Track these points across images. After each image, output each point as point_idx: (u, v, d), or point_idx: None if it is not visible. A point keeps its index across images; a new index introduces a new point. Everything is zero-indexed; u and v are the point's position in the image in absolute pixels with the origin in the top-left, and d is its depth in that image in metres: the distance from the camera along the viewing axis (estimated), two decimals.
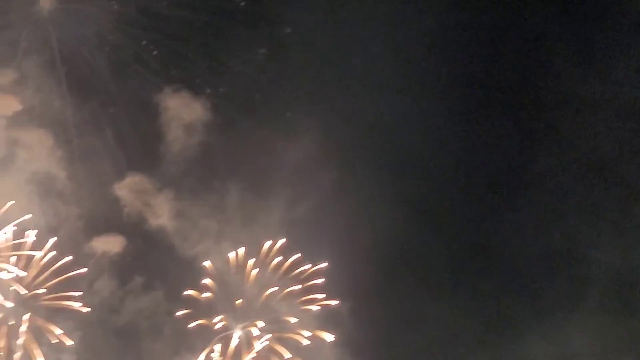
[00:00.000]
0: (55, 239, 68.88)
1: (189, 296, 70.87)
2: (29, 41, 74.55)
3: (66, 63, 75.23)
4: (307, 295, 71.19)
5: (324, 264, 71.63)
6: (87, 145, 74.88)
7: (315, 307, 70.84)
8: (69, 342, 67.04)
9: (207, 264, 71.72)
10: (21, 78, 73.68)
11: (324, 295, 71.01)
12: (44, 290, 67.97)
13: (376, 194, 75.69)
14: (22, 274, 67.05)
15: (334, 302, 71.03)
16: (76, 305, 67.91)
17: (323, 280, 71.27)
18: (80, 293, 68.51)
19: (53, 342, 67.10)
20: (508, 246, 76.01)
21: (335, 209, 74.11)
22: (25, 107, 73.07)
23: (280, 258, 71.71)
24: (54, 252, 68.36)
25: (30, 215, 68.59)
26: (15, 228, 67.99)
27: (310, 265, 71.49)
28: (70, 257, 68.59)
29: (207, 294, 70.92)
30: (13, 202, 68.20)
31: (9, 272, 66.36)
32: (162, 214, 74.51)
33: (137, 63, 76.28)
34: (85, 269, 69.43)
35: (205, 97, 75.60)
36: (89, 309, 68.25)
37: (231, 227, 74.06)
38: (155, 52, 76.25)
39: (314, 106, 77.07)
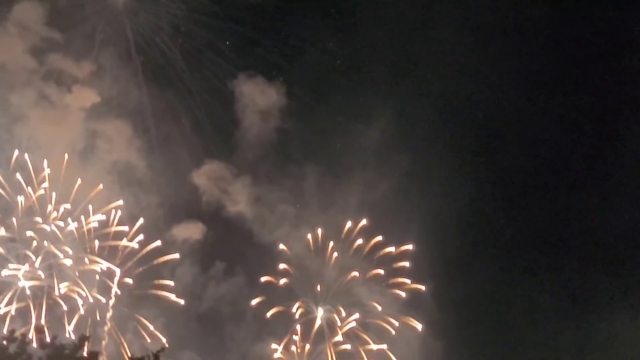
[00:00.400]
0: (142, 220, 69.90)
1: (269, 281, 71.09)
2: (105, 33, 75.74)
3: (142, 53, 76.27)
4: (392, 279, 70.80)
5: (409, 247, 71.17)
6: (165, 134, 75.74)
7: (401, 292, 70.44)
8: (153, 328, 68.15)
9: (286, 248, 71.87)
10: (99, 70, 75.03)
11: (409, 280, 70.58)
12: (130, 279, 68.92)
13: (455, 174, 74.86)
14: (113, 267, 68.16)
15: (420, 287, 70.51)
16: (171, 296, 68.94)
17: (409, 264, 70.79)
18: (172, 283, 69.67)
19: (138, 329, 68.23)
20: (594, 221, 74.47)
21: (414, 190, 73.50)
22: (103, 99, 74.36)
23: (361, 241, 71.52)
24: (141, 237, 69.23)
25: (120, 202, 69.69)
26: (104, 217, 69.06)
27: (393, 248, 70.92)
28: (159, 243, 69.59)
29: (287, 279, 71.10)
30: (101, 186, 69.39)
31: (96, 261, 67.62)
32: (240, 200, 75.02)
33: (211, 51, 76.87)
34: (177, 255, 70.70)
35: (279, 83, 75.86)
36: (183, 301, 69.33)
37: (309, 211, 74.16)
38: (228, 40, 76.78)
39: (389, 89, 76.66)
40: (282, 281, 71.16)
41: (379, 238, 71.34)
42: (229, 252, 73.89)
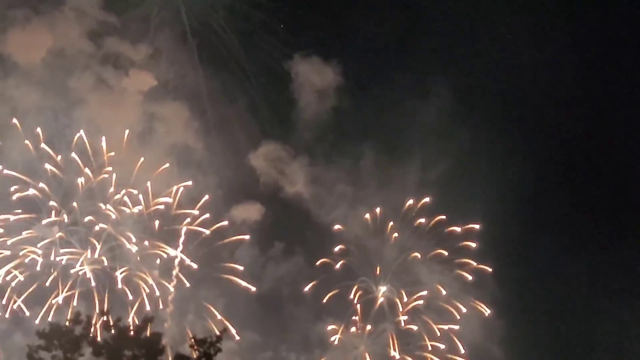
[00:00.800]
0: (207, 197, 70.19)
1: (328, 262, 70.88)
2: (161, 16, 75.93)
3: (197, 36, 76.33)
4: (455, 259, 70.07)
5: (475, 226, 70.21)
6: (222, 116, 75.81)
7: (465, 273, 69.70)
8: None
9: (344, 228, 71.54)
10: (155, 53, 75.30)
11: (472, 260, 69.75)
12: (190, 261, 69.34)
13: (518, 150, 73.41)
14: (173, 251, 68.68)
15: (486, 268, 69.61)
16: (237, 280, 69.36)
17: (474, 244, 69.93)
18: (241, 268, 70.08)
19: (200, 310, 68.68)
20: None
21: (476, 167, 72.21)
22: (160, 82, 74.72)
23: (422, 220, 70.80)
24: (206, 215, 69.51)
25: (189, 182, 70.02)
26: (170, 200, 69.57)
27: (458, 228, 70.16)
28: (226, 223, 70.09)
29: (346, 259, 70.80)
30: (167, 165, 69.91)
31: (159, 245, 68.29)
32: (297, 181, 74.86)
33: (265, 31, 76.60)
34: (247, 236, 71.20)
35: (335, 62, 75.15)
36: (254, 289, 69.73)
37: (367, 191, 73.64)
38: (283, 20, 76.37)
39: (448, 64, 75.38)
40: (341, 262, 70.71)
41: (442, 217, 70.32)
42: (287, 233, 73.98)
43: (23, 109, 71.94)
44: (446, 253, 70.43)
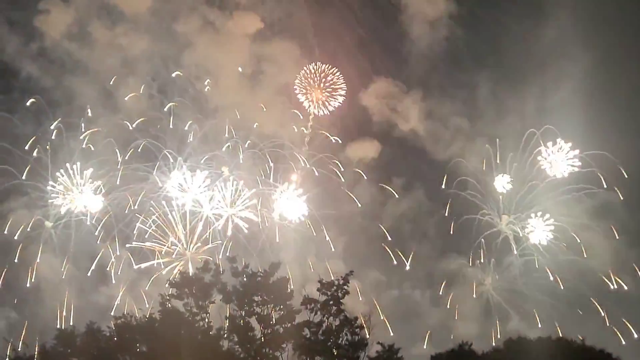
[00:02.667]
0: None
1: (448, 195, 70.05)
2: None
3: None
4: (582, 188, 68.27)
5: (598, 152, 67.83)
6: (332, 53, 74.88)
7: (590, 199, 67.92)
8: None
9: (463, 162, 70.52)
10: None
11: (597, 187, 67.76)
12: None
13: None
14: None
15: (614, 192, 67.44)
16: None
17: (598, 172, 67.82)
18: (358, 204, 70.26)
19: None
20: None
21: (598, 92, 69.25)
22: (266, 22, 74.45)
23: (543, 149, 69.06)
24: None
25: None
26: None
27: (577, 151, 68.21)
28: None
29: (467, 193, 69.84)
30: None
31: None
32: (411, 117, 73.85)
33: None
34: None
35: None
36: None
37: (484, 122, 72.08)
38: None
39: None
40: (463, 193, 69.84)
41: (565, 144, 68.43)
42: (405, 170, 73.48)
43: (133, 57, 73.15)
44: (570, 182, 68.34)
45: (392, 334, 62.65)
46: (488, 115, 71.93)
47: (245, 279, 47.65)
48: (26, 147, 68.00)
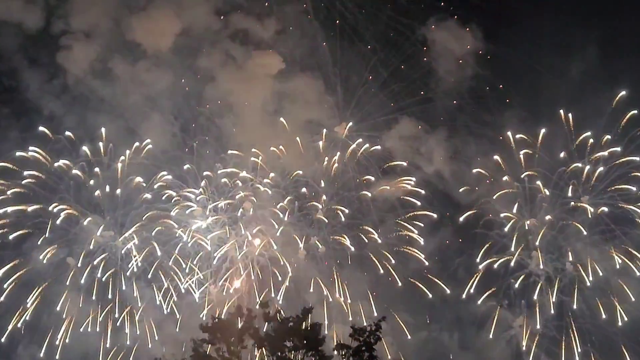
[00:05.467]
0: None
1: (476, 235, 71.04)
2: None
3: (321, 11, 76.51)
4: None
5: None
6: (354, 90, 75.83)
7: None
8: None
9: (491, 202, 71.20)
10: (283, 29, 76.47)
11: None
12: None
13: None
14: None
15: None
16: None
17: None
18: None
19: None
20: None
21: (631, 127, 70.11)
22: (289, 59, 75.83)
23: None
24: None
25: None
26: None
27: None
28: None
29: (495, 233, 70.72)
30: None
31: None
32: (435, 158, 75.03)
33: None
34: None
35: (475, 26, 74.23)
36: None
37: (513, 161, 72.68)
38: None
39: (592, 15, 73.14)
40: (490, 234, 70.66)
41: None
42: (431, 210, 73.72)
43: (157, 93, 74.58)
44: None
45: None
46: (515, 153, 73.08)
47: (277, 324, 48.44)
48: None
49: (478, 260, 69.94)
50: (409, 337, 69.87)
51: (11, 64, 74.46)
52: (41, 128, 71.71)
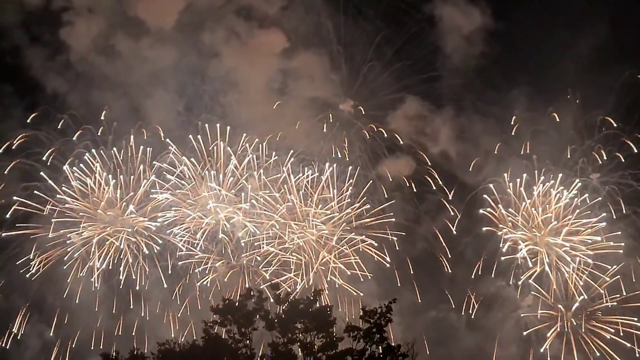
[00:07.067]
0: None
1: (483, 215, 71.56)
2: None
3: None
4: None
5: None
6: (361, 67, 76.21)
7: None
8: None
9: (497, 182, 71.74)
10: (288, 5, 76.39)
11: None
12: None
13: None
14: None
15: None
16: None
17: None
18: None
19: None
20: None
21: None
22: (294, 34, 75.85)
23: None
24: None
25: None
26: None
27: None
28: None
29: (504, 211, 71.19)
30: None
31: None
32: (441, 138, 75.53)
33: None
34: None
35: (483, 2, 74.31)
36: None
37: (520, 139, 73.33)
38: None
39: None
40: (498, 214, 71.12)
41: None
42: (436, 190, 74.19)
43: (160, 70, 74.76)
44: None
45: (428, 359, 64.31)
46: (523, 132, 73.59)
47: (287, 306, 49.14)
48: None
49: (485, 240, 70.36)
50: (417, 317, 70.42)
51: (13, 41, 74.41)
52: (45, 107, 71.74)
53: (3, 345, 69.72)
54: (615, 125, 70.35)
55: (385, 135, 74.60)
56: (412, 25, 75.46)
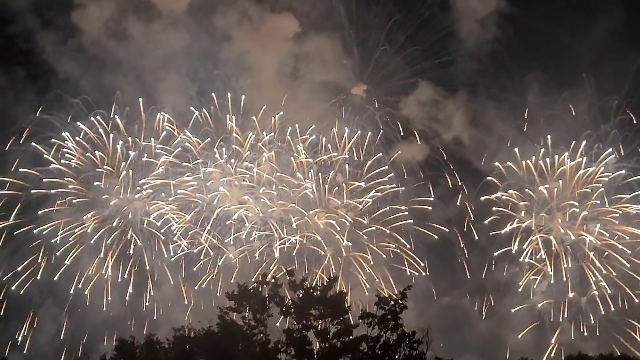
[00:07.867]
0: None
1: (496, 201, 71.66)
2: None
3: None
4: None
5: None
6: (372, 51, 76.14)
7: None
8: None
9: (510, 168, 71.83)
10: None
11: None
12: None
13: None
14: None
15: None
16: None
17: None
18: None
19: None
20: None
21: None
22: (306, 18, 75.93)
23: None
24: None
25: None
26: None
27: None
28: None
29: (516, 198, 71.31)
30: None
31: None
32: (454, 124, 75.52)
33: None
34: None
35: None
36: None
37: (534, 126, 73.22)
38: None
39: None
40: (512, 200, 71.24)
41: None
42: (449, 176, 74.11)
43: (172, 53, 74.92)
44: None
45: (441, 344, 64.54)
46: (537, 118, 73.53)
47: (303, 293, 49.51)
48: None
49: (499, 225, 70.29)
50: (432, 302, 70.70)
51: (25, 25, 74.65)
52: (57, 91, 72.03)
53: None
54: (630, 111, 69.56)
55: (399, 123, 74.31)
56: (424, 9, 75.37)
